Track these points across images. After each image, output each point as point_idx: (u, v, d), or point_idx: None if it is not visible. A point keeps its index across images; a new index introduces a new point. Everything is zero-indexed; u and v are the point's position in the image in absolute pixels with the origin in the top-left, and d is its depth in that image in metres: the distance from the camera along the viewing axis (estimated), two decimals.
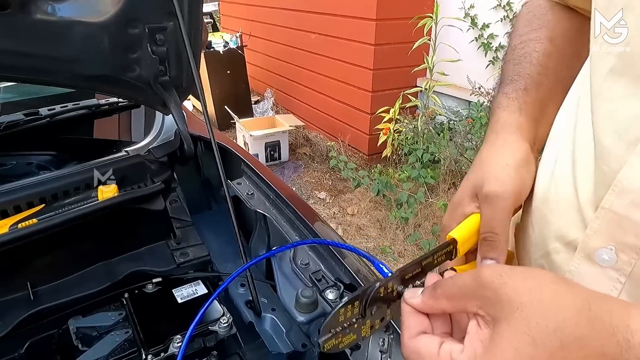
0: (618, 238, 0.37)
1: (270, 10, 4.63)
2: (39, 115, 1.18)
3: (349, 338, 0.39)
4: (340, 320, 0.38)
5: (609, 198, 0.38)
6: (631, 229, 0.36)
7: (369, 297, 0.38)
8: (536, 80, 0.55)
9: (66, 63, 0.93)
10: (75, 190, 1.04)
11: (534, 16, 0.62)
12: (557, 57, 0.56)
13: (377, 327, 0.40)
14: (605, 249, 0.38)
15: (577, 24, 0.59)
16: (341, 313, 0.38)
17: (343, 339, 0.38)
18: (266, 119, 4.08)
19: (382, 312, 0.40)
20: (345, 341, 0.38)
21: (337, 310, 0.37)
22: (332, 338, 0.37)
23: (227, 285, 0.86)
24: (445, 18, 2.93)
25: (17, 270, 0.98)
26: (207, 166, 1.48)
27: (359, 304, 0.38)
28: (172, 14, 0.95)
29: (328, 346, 0.38)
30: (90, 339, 0.94)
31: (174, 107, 1.05)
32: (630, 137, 0.37)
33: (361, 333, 0.39)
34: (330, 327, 0.37)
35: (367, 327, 0.39)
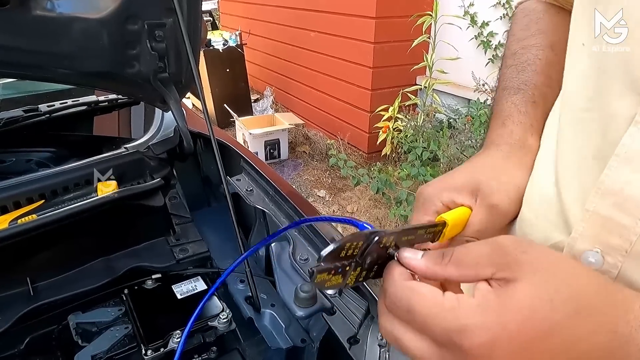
0: (604, 240, 0.37)
1: (269, 9, 4.63)
2: (39, 111, 1.18)
3: (336, 280, 0.36)
4: (342, 255, 0.35)
5: (593, 200, 0.37)
6: (616, 230, 0.36)
7: (372, 243, 0.36)
8: (542, 92, 0.55)
9: (65, 59, 0.93)
10: (75, 186, 1.04)
11: (531, 20, 0.61)
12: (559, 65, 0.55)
13: (361, 279, 0.38)
14: (592, 252, 0.38)
15: None
16: (346, 247, 0.35)
17: (332, 277, 0.36)
18: (266, 117, 4.08)
19: (371, 266, 0.38)
20: (332, 281, 0.36)
21: (343, 242, 0.35)
22: (325, 272, 0.35)
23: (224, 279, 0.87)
24: (444, 16, 2.93)
25: (17, 266, 0.98)
26: (206, 163, 1.48)
27: (362, 246, 0.36)
28: (171, 10, 0.95)
29: (319, 278, 0.35)
30: (90, 334, 0.94)
31: (173, 104, 1.05)
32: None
33: (347, 279, 0.37)
34: (332, 258, 0.35)
35: (354, 276, 0.37)
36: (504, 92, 0.57)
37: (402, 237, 0.38)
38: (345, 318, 0.78)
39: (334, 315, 0.80)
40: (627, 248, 0.35)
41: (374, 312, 0.79)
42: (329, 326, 0.79)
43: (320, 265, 0.34)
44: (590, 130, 0.40)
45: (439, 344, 0.31)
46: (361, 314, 0.79)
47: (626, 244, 0.35)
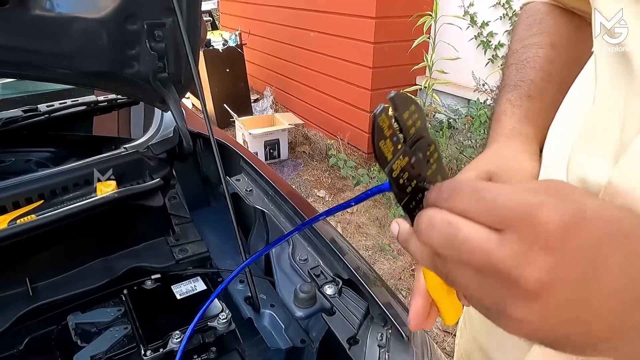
0: None
1: (269, 9, 4.62)
2: (38, 111, 1.18)
3: (389, 148, 0.32)
4: (405, 115, 0.32)
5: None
6: None
7: (422, 137, 0.33)
8: (540, 86, 0.55)
9: (64, 59, 0.93)
10: (74, 186, 1.04)
11: (534, 20, 0.62)
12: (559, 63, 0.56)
13: (401, 181, 0.33)
14: None
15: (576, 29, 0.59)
16: (412, 110, 0.32)
17: (387, 140, 0.31)
18: (265, 117, 4.08)
19: (412, 177, 0.34)
20: (386, 147, 0.31)
21: (414, 100, 0.32)
22: (388, 119, 0.31)
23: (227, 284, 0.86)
24: (444, 16, 2.93)
25: (16, 266, 0.98)
26: (206, 163, 1.48)
27: (418, 127, 0.33)
28: (170, 10, 0.95)
29: (382, 122, 0.31)
30: (89, 334, 0.94)
31: (172, 104, 1.05)
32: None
33: (394, 162, 0.32)
34: (398, 104, 0.31)
35: (400, 166, 0.33)
36: (503, 90, 0.58)
37: (438, 175, 0.35)
38: (345, 318, 0.78)
39: (333, 315, 0.80)
40: None
41: (374, 312, 0.79)
42: (329, 327, 0.79)
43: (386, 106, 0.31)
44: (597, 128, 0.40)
45: (508, 224, 0.26)
46: (361, 314, 0.79)
47: None
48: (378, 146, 0.31)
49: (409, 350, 0.71)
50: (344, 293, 0.84)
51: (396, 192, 0.33)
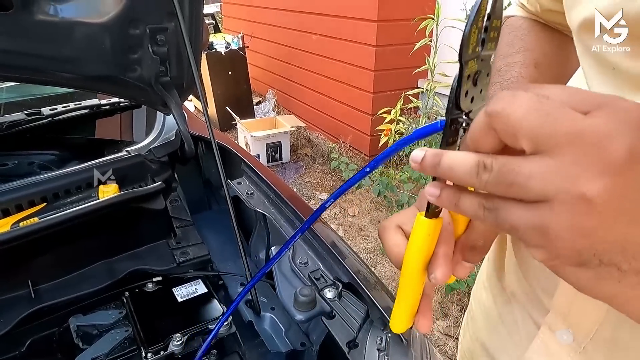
0: None
1: (271, 12, 4.64)
2: (41, 115, 1.19)
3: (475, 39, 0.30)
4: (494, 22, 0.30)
5: None
6: None
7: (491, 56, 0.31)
8: None
9: (68, 63, 0.94)
10: (77, 189, 1.04)
11: (516, 37, 0.62)
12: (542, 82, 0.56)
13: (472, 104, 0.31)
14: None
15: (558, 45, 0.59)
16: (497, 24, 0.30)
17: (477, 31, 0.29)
18: (267, 119, 4.09)
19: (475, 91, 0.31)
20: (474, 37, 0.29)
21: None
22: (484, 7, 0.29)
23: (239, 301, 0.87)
24: (446, 19, 2.93)
25: (19, 269, 0.99)
26: (207, 166, 1.49)
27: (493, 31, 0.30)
28: (173, 15, 0.95)
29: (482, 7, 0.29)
30: (90, 337, 0.94)
31: (174, 107, 1.06)
32: None
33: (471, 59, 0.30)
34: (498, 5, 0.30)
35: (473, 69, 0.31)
36: None
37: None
38: (345, 322, 0.78)
39: (333, 319, 0.80)
40: None
41: (374, 316, 0.79)
42: (329, 330, 0.79)
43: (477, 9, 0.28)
44: None
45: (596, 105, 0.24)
46: (360, 318, 0.79)
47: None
48: (469, 30, 0.29)
49: (408, 354, 0.72)
50: (344, 297, 0.84)
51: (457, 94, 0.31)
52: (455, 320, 2.09)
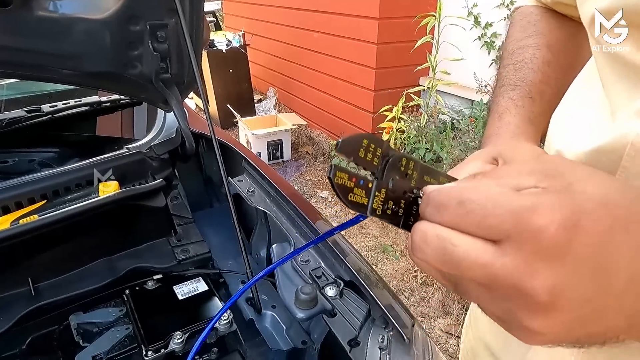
0: None
1: (273, 9, 4.63)
2: (41, 112, 1.18)
3: (360, 195, 0.31)
4: (360, 154, 0.31)
5: None
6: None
7: (390, 159, 0.32)
8: (539, 88, 0.55)
9: (67, 60, 0.93)
10: (77, 186, 1.04)
11: (529, 22, 0.62)
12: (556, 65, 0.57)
13: (389, 212, 0.32)
14: None
15: (569, 32, 0.59)
16: (364, 144, 0.31)
17: (355, 189, 0.31)
18: (268, 117, 4.08)
19: (398, 199, 0.33)
20: (357, 195, 0.30)
21: (361, 135, 0.31)
22: (345, 173, 0.30)
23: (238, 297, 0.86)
24: (448, 17, 2.92)
25: (19, 266, 0.98)
26: (208, 163, 1.48)
27: (380, 156, 0.31)
28: (173, 11, 0.95)
29: (339, 179, 0.30)
30: (91, 334, 0.94)
31: (175, 105, 1.05)
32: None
33: (372, 201, 0.31)
34: (349, 150, 0.30)
35: (380, 200, 0.32)
36: (501, 89, 0.58)
37: (424, 176, 0.34)
38: (346, 320, 0.78)
39: (334, 317, 0.80)
40: None
41: (375, 314, 0.79)
42: (330, 328, 0.78)
43: (335, 160, 0.31)
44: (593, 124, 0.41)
45: (503, 234, 0.24)
46: (362, 316, 0.78)
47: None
48: (349, 201, 0.30)
49: (410, 352, 0.71)
50: (345, 295, 0.83)
51: (388, 221, 0.33)
52: (457, 319, 2.09)
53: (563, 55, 0.58)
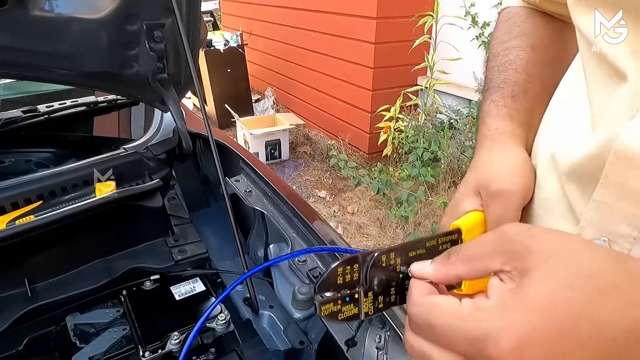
0: (611, 229, 0.38)
1: (270, 9, 4.62)
2: (37, 112, 1.18)
3: (350, 310, 0.35)
4: (339, 282, 0.34)
5: (599, 191, 0.38)
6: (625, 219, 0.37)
7: (370, 265, 0.35)
8: (523, 87, 0.55)
9: (63, 59, 0.93)
10: (73, 187, 1.04)
11: (514, 23, 0.62)
12: (540, 64, 0.57)
13: (381, 305, 0.36)
14: (599, 241, 0.39)
15: (555, 30, 0.59)
16: (339, 273, 0.34)
17: (343, 308, 0.34)
18: (266, 117, 4.08)
19: (387, 290, 0.36)
20: (346, 312, 0.34)
21: (335, 267, 0.33)
22: (330, 302, 0.33)
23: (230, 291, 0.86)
24: (445, 16, 2.92)
25: (15, 267, 0.98)
26: (206, 163, 1.48)
27: (358, 269, 0.35)
28: (170, 11, 0.95)
29: (325, 311, 0.33)
30: (88, 335, 0.94)
31: (172, 105, 1.05)
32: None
33: (363, 308, 0.35)
34: (326, 286, 0.34)
35: (369, 302, 0.35)
36: (486, 93, 0.58)
37: (409, 253, 0.37)
38: None
39: None
40: (635, 235, 0.36)
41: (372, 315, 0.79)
42: (327, 328, 0.78)
43: (318, 299, 0.33)
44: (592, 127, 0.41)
45: (468, 356, 0.29)
46: None
47: (634, 232, 0.36)
48: (340, 321, 0.35)
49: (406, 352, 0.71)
50: None
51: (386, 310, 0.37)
52: None
53: (548, 53, 0.58)
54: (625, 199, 0.37)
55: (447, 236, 0.41)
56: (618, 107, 0.37)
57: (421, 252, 0.38)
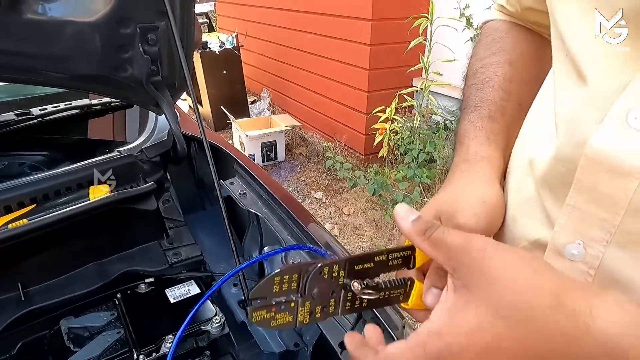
0: (584, 232, 0.38)
1: (266, 11, 4.63)
2: (31, 115, 1.17)
3: (284, 318, 0.35)
4: (275, 290, 0.34)
5: (572, 195, 0.39)
6: (595, 223, 0.37)
7: (310, 275, 0.35)
8: (500, 106, 0.55)
9: (57, 62, 0.93)
10: (67, 190, 1.03)
11: (493, 40, 0.62)
12: (518, 80, 0.57)
13: (318, 315, 0.37)
14: (574, 244, 0.39)
15: (535, 45, 0.59)
16: (276, 282, 0.34)
17: (277, 316, 0.35)
18: (262, 119, 4.08)
19: (325, 301, 0.37)
20: (279, 320, 0.35)
21: (271, 276, 0.34)
22: (263, 309, 0.34)
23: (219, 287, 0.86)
24: (440, 18, 2.93)
25: (8, 271, 0.97)
26: (200, 166, 1.48)
27: (298, 279, 0.35)
28: (163, 13, 0.94)
29: (257, 317, 0.34)
30: (82, 339, 0.94)
31: (166, 107, 1.05)
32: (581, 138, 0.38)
33: (298, 317, 0.36)
34: (261, 294, 0.34)
35: (306, 311, 0.36)
36: (464, 112, 0.58)
37: (355, 267, 0.38)
38: (338, 323, 0.78)
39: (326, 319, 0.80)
40: (608, 239, 0.37)
41: (366, 316, 0.79)
42: (321, 331, 0.78)
43: (250, 305, 0.34)
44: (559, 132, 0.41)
45: None
46: (353, 318, 0.78)
47: (607, 236, 0.37)
48: (272, 327, 0.36)
49: None
50: None
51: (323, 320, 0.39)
52: None
53: (527, 69, 0.58)
54: (596, 203, 0.37)
55: (400, 252, 0.42)
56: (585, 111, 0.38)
57: (368, 265, 0.39)
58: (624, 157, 0.35)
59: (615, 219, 0.36)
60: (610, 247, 0.37)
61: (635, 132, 0.34)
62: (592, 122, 0.37)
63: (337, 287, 0.37)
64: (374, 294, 0.39)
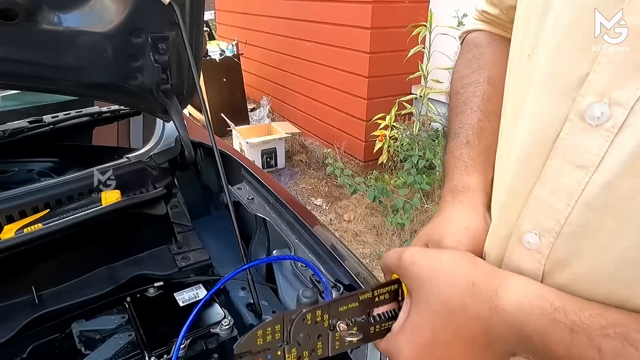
0: (541, 223, 0.40)
1: (266, 19, 4.67)
2: (43, 122, 1.20)
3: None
4: (259, 343, 0.35)
5: (537, 186, 0.40)
6: (550, 214, 0.39)
7: (293, 323, 0.37)
8: (477, 128, 0.57)
9: (71, 71, 0.95)
10: (79, 195, 1.05)
11: (473, 56, 0.63)
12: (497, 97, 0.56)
13: (306, 359, 0.38)
14: (531, 234, 0.41)
15: None
16: (259, 335, 0.35)
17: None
18: (262, 126, 4.10)
19: (312, 344, 0.38)
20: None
21: (254, 331, 0.35)
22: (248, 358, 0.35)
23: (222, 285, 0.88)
24: (439, 26, 2.98)
25: (23, 274, 0.99)
26: (206, 172, 1.50)
27: (281, 329, 0.36)
28: (174, 24, 0.97)
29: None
30: (93, 342, 0.95)
31: (175, 114, 1.08)
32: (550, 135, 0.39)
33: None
34: (245, 349, 0.35)
35: (293, 357, 0.37)
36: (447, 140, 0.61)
37: (339, 308, 0.39)
38: None
39: None
40: (557, 230, 0.38)
41: None
42: None
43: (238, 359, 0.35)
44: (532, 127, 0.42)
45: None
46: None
47: (557, 227, 0.38)
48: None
49: None
50: None
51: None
52: None
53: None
54: (555, 194, 0.38)
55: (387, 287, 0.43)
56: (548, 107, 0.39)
57: (353, 305, 0.40)
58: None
59: (566, 209, 0.37)
60: (560, 238, 0.38)
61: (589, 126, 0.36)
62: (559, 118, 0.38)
63: (322, 330, 0.38)
64: (358, 335, 0.40)
